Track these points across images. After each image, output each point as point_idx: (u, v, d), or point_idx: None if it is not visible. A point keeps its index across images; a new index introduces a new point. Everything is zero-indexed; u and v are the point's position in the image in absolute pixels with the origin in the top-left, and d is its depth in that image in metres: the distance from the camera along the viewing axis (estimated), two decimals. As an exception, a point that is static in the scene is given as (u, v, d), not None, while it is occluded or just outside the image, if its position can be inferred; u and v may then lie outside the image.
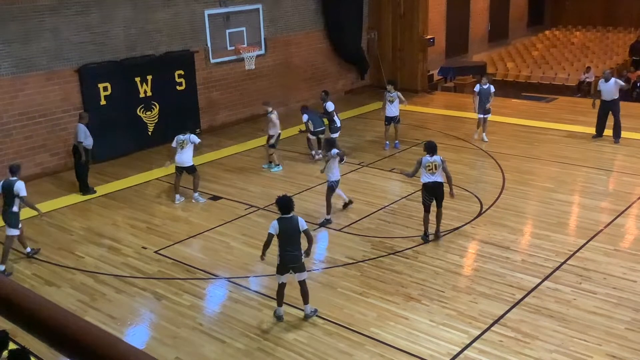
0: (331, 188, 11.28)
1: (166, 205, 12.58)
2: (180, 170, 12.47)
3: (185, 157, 12.39)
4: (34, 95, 13.97)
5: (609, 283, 8.92)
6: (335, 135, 14.37)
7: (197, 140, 12.68)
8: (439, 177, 10.19)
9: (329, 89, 20.99)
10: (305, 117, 14.64)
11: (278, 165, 14.45)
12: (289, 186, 13.20)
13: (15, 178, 9.86)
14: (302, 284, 8.18)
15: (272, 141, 14.25)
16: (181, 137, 12.37)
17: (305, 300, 8.26)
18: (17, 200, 9.70)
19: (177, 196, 12.62)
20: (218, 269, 9.88)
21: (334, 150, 11.24)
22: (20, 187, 9.76)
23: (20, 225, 9.98)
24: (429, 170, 10.16)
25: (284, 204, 8.04)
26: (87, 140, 12.86)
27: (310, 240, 8.05)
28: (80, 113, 13.35)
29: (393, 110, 15.35)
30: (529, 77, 25.64)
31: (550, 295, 8.66)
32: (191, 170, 12.54)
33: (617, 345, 7.49)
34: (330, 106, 14.88)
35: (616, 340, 7.58)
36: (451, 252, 10.05)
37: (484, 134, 15.64)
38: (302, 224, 7.99)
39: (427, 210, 10.33)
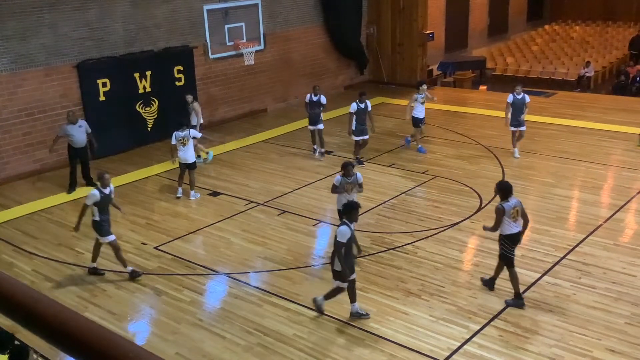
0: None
1: (166, 201, 12.57)
2: (184, 166, 12.45)
3: (189, 153, 12.38)
4: (33, 92, 13.95)
5: (609, 278, 8.93)
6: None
7: (198, 134, 12.66)
8: (520, 224, 8.49)
9: (328, 84, 21.11)
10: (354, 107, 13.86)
11: (208, 152, 14.51)
12: (289, 181, 13.21)
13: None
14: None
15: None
16: (180, 133, 12.31)
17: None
18: (95, 209, 9.18)
19: (180, 189, 12.66)
20: (218, 265, 9.89)
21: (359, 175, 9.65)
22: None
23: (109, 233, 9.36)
24: (513, 217, 8.34)
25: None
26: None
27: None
28: (69, 112, 13.21)
29: (423, 111, 14.78)
30: (528, 71, 25.62)
31: (550, 290, 8.67)
32: (192, 167, 12.53)
33: (617, 340, 7.50)
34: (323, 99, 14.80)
35: (616, 335, 7.60)
36: (451, 247, 10.05)
37: (515, 149, 14.19)
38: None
39: (513, 264, 8.43)
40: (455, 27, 26.26)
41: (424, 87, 14.99)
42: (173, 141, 12.40)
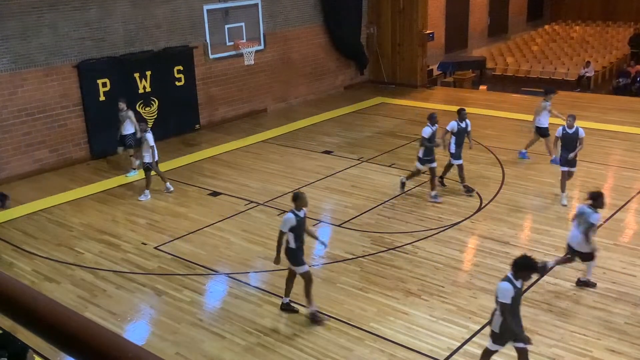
0: None
1: (165, 201, 12.57)
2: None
3: (145, 154, 12.37)
4: (33, 91, 13.95)
5: (609, 277, 8.93)
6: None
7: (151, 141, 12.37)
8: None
9: (328, 84, 21.14)
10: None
11: (134, 170, 13.80)
12: (289, 181, 13.20)
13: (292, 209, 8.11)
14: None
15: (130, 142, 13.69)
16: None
17: None
18: (291, 235, 7.97)
19: (167, 183, 12.84)
20: (218, 265, 9.89)
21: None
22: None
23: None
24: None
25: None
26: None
27: None
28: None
29: (547, 120, 13.64)
30: (528, 71, 25.62)
31: (550, 290, 8.67)
32: (147, 167, 12.53)
33: (617, 340, 7.50)
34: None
35: (616, 335, 7.60)
36: (451, 247, 10.05)
37: (563, 193, 11.59)
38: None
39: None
40: (455, 27, 26.26)
41: (550, 95, 13.75)
42: (152, 142, 12.28)
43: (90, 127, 14.83)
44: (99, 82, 14.96)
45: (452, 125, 12.16)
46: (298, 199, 7.94)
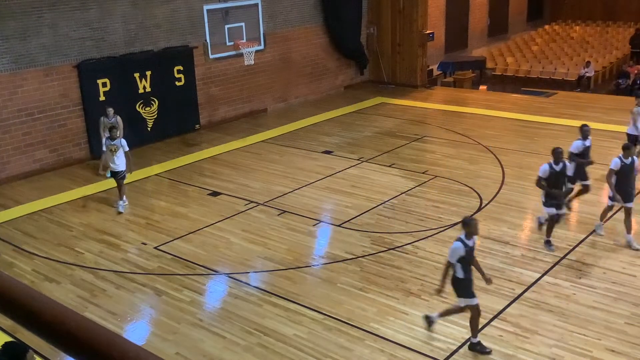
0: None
1: (166, 201, 12.57)
2: (113, 174, 11.96)
3: (119, 162, 11.76)
4: (33, 92, 13.95)
5: (609, 277, 8.93)
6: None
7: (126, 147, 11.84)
8: None
9: (328, 84, 21.15)
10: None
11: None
12: (289, 181, 13.21)
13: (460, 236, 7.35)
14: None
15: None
16: (110, 141, 11.74)
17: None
18: (458, 265, 7.22)
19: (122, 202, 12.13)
20: (218, 265, 9.89)
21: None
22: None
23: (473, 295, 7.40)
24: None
25: None
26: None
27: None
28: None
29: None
30: (528, 72, 25.62)
31: (550, 290, 8.67)
32: (121, 175, 11.94)
33: (617, 340, 7.50)
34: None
35: (615, 335, 7.60)
36: (451, 247, 10.04)
37: (630, 237, 9.81)
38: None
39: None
40: (455, 27, 26.26)
41: None
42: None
43: (90, 127, 14.81)
44: (99, 82, 14.96)
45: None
46: (469, 226, 7.15)
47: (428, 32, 21.41)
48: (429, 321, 7.73)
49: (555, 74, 25.10)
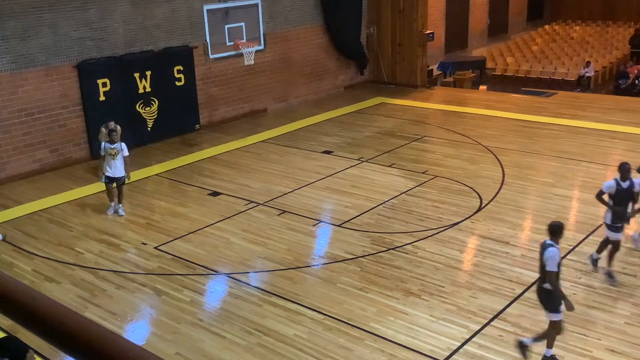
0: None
1: (166, 201, 12.57)
2: (112, 180, 11.69)
3: (118, 168, 11.55)
4: (33, 91, 13.95)
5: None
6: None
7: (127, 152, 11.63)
8: None
9: (328, 84, 21.14)
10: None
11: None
12: (289, 181, 13.21)
13: (550, 242, 7.05)
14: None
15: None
16: (110, 145, 11.47)
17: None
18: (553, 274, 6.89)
19: (119, 207, 11.95)
20: (218, 265, 9.89)
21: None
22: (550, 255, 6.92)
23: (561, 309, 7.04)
24: None
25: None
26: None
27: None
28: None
29: None
30: (528, 71, 25.63)
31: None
32: (121, 181, 11.73)
33: (617, 340, 7.50)
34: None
35: (616, 335, 7.60)
36: (451, 247, 10.05)
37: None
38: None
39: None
40: (455, 27, 26.26)
41: None
42: (102, 152, 11.51)
43: (90, 127, 14.81)
44: (99, 82, 14.96)
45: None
46: (560, 232, 7.02)
47: (428, 32, 21.41)
48: (522, 348, 7.16)
49: (555, 74, 25.11)
